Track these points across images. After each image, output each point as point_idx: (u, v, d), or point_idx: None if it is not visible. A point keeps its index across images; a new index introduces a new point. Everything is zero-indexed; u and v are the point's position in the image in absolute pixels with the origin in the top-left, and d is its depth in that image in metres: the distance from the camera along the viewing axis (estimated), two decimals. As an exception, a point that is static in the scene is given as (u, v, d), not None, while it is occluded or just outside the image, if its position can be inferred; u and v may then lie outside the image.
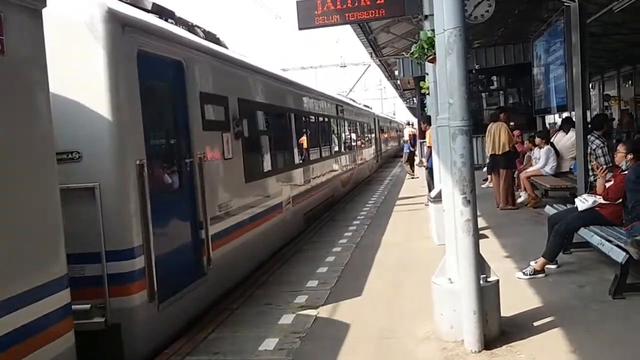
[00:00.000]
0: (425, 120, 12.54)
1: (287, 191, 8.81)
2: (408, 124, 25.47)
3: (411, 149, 19.92)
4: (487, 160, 11.00)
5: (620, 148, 5.71)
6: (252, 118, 7.58)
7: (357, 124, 19.51)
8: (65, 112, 4.00)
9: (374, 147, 24.27)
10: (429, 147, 11.39)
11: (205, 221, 5.51)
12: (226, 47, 7.42)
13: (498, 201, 10.38)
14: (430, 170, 11.16)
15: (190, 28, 6.38)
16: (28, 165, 3.26)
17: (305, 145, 10.71)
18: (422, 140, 17.48)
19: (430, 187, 11.15)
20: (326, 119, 13.62)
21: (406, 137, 20.75)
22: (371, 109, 27.70)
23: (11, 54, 3.07)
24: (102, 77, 4.23)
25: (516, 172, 11.33)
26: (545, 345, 4.13)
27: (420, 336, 4.50)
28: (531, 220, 8.97)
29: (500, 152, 10.12)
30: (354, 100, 23.12)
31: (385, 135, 33.19)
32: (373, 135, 24.53)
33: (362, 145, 20.17)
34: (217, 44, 6.99)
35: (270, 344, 4.65)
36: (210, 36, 6.90)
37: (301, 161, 10.30)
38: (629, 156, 5.56)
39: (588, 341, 4.15)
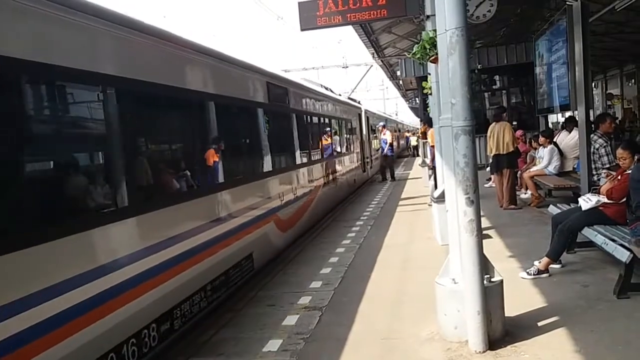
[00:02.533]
0: (425, 121, 12.56)
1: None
2: (384, 126, 20.96)
3: (389, 153, 19.12)
4: (490, 160, 10.99)
5: (624, 154, 5.68)
6: None
7: (326, 120, 12.99)
8: None
9: (358, 153, 17.54)
10: (432, 146, 11.37)
11: None
12: None
13: (501, 201, 10.37)
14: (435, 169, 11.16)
15: None
16: None
17: (158, 169, 5.12)
18: (424, 141, 17.45)
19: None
20: (236, 110, 7.17)
21: (390, 140, 19.08)
22: (359, 102, 21.29)
23: None
24: None
25: (519, 172, 11.36)
26: (550, 345, 4.12)
27: (424, 337, 4.49)
28: (535, 220, 8.96)
29: (504, 152, 10.11)
30: (327, 88, 15.72)
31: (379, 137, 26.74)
32: (357, 137, 17.91)
33: (335, 153, 13.67)
34: None
35: (274, 345, 4.65)
36: None
37: (125, 208, 4.32)
38: (636, 157, 5.56)
39: (593, 341, 4.13)
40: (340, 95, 17.97)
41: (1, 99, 3.30)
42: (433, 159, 11.53)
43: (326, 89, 15.45)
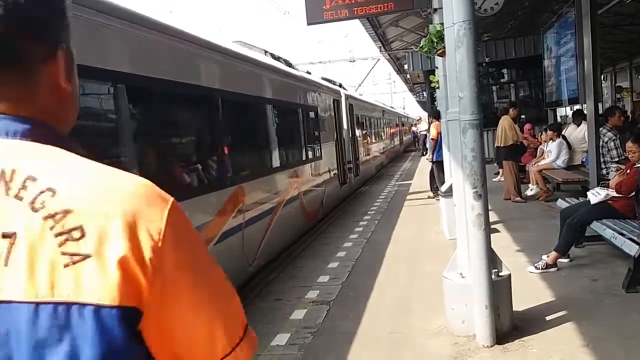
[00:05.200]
0: (432, 114, 12.52)
1: None
2: None
3: None
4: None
5: (633, 147, 5.64)
6: None
7: (250, 106, 7.48)
8: None
9: (331, 158, 11.88)
10: (433, 139, 11.44)
11: None
12: None
13: (507, 194, 10.45)
14: (436, 164, 11.24)
15: None
16: None
17: None
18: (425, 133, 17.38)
19: (435, 180, 11.22)
20: None
21: None
22: (340, 86, 15.33)
23: None
24: None
25: (527, 166, 11.37)
26: (558, 339, 4.11)
27: (431, 331, 4.49)
28: (543, 214, 8.92)
29: (502, 145, 10.45)
30: (279, 59, 9.86)
31: (371, 133, 19.84)
32: (332, 134, 12.23)
33: (273, 164, 7.97)
34: None
35: (282, 339, 4.67)
36: None
37: None
38: None
39: (601, 335, 4.12)
40: (309, 73, 12.06)
41: None
42: (432, 152, 11.63)
43: (277, 59, 9.63)
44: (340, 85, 15.43)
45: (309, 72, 12.15)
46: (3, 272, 0.68)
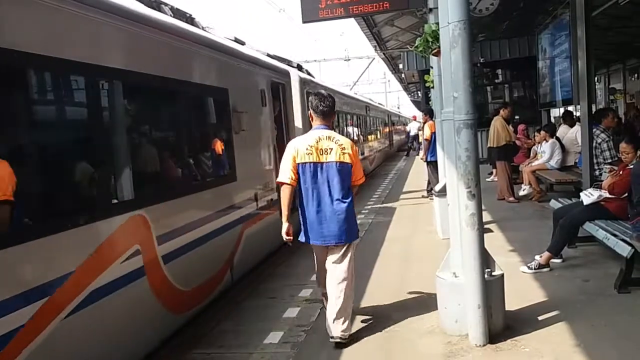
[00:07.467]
0: (427, 113, 12.46)
1: None
2: None
3: None
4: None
5: (627, 148, 5.67)
6: None
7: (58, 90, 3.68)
8: None
9: (261, 180, 7.11)
10: (427, 139, 11.47)
11: None
12: None
13: (500, 194, 10.50)
14: (430, 164, 11.25)
15: None
16: None
17: None
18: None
19: (431, 180, 11.22)
20: None
21: None
22: (300, 67, 11.10)
23: None
24: None
25: (520, 166, 11.41)
26: (550, 339, 4.12)
27: (424, 330, 4.50)
28: (536, 214, 8.95)
29: (495, 145, 10.52)
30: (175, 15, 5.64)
31: (348, 134, 15.55)
32: (270, 137, 7.56)
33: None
34: None
35: (275, 337, 4.67)
36: None
37: None
38: (639, 152, 5.55)
39: (593, 335, 4.14)
40: (242, 44, 7.70)
41: None
42: (425, 152, 11.63)
43: (177, 14, 5.81)
44: (299, 67, 10.97)
45: (241, 42, 7.72)
46: (329, 156, 4.41)
